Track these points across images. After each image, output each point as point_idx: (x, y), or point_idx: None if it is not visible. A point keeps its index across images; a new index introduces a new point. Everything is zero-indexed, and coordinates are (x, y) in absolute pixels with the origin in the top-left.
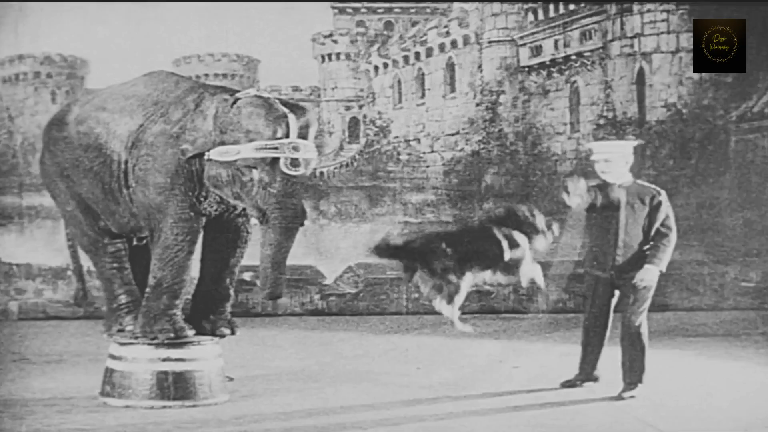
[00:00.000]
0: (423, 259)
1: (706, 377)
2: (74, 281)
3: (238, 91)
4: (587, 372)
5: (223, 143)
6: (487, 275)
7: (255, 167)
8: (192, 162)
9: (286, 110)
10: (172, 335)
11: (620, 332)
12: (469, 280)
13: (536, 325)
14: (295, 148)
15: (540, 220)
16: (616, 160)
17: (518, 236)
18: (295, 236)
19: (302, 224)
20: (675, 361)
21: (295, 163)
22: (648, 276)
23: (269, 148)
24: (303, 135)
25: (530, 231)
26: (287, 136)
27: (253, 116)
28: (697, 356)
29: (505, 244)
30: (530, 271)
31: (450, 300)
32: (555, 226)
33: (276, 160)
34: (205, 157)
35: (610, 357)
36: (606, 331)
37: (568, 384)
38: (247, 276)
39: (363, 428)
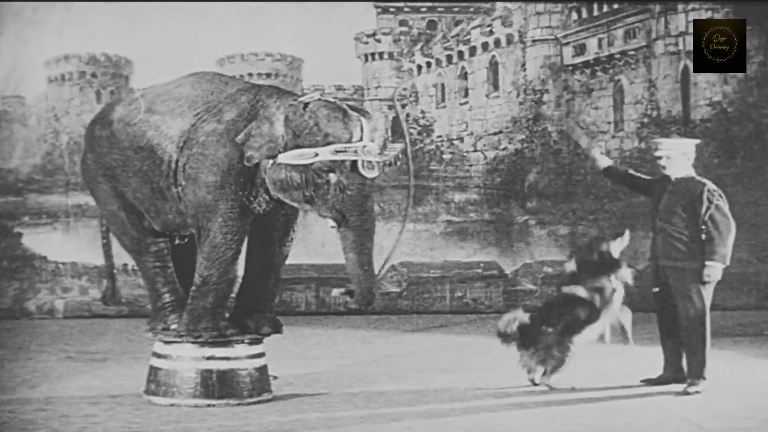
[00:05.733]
0: (530, 342)
1: (751, 377)
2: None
3: (294, 94)
4: (671, 371)
5: (297, 147)
6: (594, 330)
7: (333, 170)
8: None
9: (357, 114)
10: (216, 334)
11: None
12: (572, 351)
13: None
14: (369, 151)
15: (615, 248)
16: (676, 157)
17: (600, 283)
18: (374, 237)
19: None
20: (720, 361)
21: (370, 165)
22: (709, 271)
23: (349, 152)
24: (372, 138)
25: (611, 267)
26: (361, 139)
27: (331, 119)
28: (742, 355)
29: (593, 296)
30: (618, 316)
31: (552, 371)
32: (626, 235)
33: (354, 162)
34: (270, 163)
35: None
36: (675, 326)
37: (650, 382)
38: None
39: (407, 425)
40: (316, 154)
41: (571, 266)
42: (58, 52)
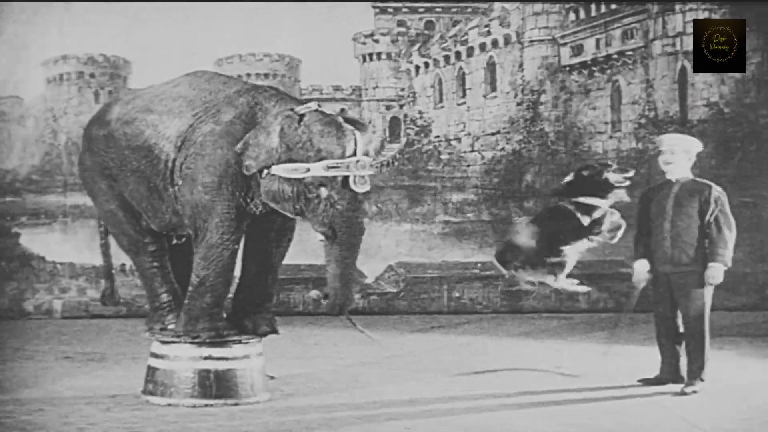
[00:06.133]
0: (519, 254)
1: (749, 377)
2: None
3: (294, 98)
4: (668, 372)
5: (290, 160)
6: (584, 244)
7: (324, 185)
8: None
9: (351, 128)
10: (213, 334)
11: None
12: (571, 252)
13: (577, 324)
14: (362, 166)
15: (613, 176)
16: (679, 154)
17: (589, 200)
18: (359, 250)
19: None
20: (717, 361)
21: (361, 180)
22: (712, 273)
23: (341, 168)
24: (366, 152)
25: (604, 190)
26: (354, 153)
27: (324, 135)
28: (740, 356)
29: (578, 214)
30: (614, 230)
31: (556, 275)
32: (630, 173)
33: (345, 177)
34: (264, 172)
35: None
36: (674, 327)
37: (647, 382)
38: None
39: (405, 425)
40: (308, 170)
41: (568, 178)
42: (57, 52)
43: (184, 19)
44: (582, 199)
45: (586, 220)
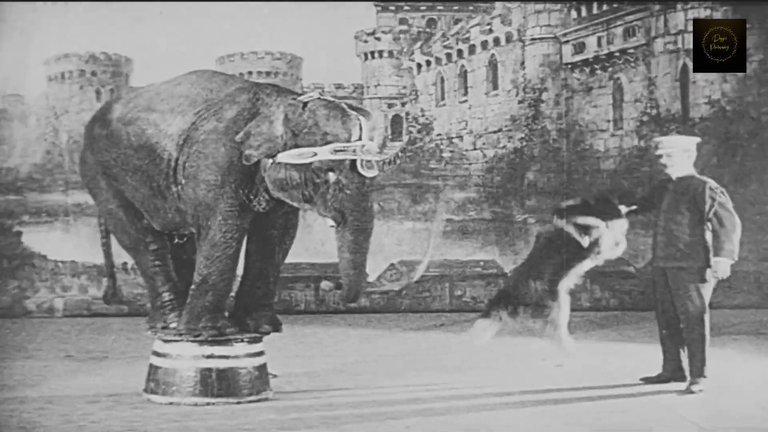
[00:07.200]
0: (516, 301)
1: (749, 376)
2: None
3: (294, 92)
4: (671, 370)
5: (297, 146)
6: (585, 265)
7: (332, 170)
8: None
9: (355, 113)
10: (215, 332)
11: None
12: (564, 296)
13: (578, 323)
14: (368, 150)
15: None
16: (677, 155)
17: (589, 220)
18: (371, 237)
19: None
20: (719, 360)
21: (369, 164)
22: (719, 267)
23: (347, 151)
24: (371, 137)
25: (607, 213)
26: (360, 138)
27: (330, 119)
28: (741, 354)
29: (576, 234)
30: (613, 248)
31: (554, 326)
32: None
33: (353, 162)
34: (270, 162)
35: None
36: (674, 324)
37: (650, 380)
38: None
39: (406, 424)
40: (315, 154)
41: (571, 201)
42: (58, 50)
43: (186, 17)
44: (580, 220)
45: (585, 242)
